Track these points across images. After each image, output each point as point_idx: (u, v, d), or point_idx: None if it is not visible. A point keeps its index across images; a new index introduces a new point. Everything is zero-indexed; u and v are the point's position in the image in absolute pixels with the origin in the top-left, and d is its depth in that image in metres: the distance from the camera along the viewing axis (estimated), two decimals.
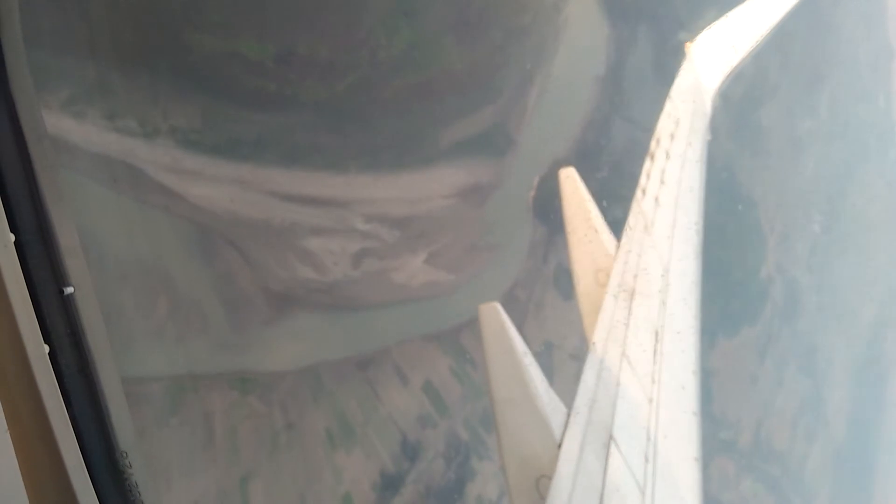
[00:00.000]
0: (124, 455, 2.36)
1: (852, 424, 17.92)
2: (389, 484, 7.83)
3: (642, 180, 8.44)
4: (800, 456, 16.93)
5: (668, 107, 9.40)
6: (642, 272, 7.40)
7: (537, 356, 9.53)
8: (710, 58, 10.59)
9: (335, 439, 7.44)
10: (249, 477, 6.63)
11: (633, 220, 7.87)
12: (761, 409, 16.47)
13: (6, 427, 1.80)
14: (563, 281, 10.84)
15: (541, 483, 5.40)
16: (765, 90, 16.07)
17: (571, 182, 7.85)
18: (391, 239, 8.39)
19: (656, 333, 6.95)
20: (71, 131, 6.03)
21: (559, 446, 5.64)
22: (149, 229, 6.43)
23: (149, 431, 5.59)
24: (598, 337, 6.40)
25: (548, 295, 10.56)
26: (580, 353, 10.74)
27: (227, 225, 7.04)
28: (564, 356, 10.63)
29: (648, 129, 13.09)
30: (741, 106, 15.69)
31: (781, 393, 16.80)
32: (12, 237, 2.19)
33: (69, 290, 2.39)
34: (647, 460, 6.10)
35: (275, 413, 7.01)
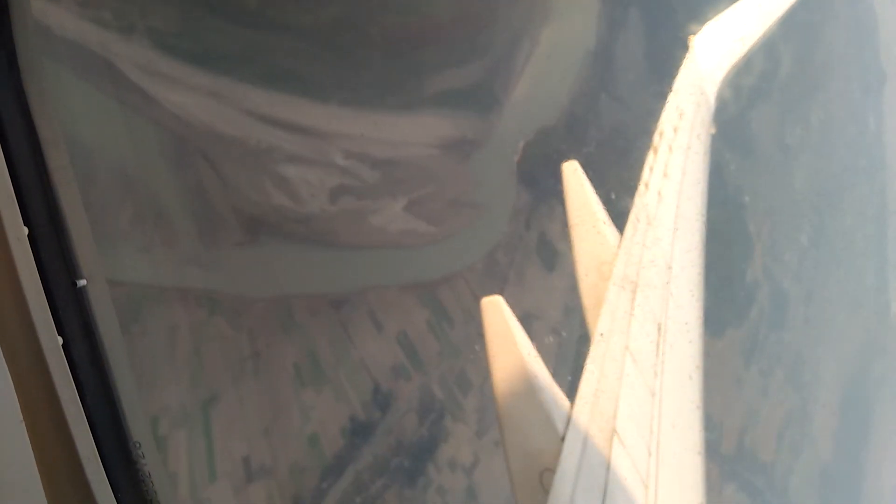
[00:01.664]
0: (137, 445, 2.51)
1: (839, 446, 18.00)
2: (359, 431, 7.76)
3: (645, 174, 8.65)
4: (784, 470, 16.96)
5: (672, 100, 9.67)
6: (648, 264, 7.58)
7: None
8: (715, 50, 10.89)
9: (304, 376, 7.38)
10: (212, 400, 6.55)
11: (636, 214, 8.07)
12: (746, 415, 16.54)
13: (21, 417, 1.88)
14: (546, 252, 10.91)
15: (544, 477, 5.50)
16: (754, 94, 16.40)
17: (576, 176, 8.04)
18: (371, 180, 8.42)
19: (659, 327, 7.10)
20: (46, 14, 6.03)
21: (562, 440, 5.73)
22: (124, 130, 6.41)
23: None
24: (603, 328, 6.53)
25: (530, 263, 10.60)
26: (561, 328, 10.85)
27: (201, 138, 7.04)
28: (545, 329, 10.65)
29: (637, 111, 13.40)
30: (730, 106, 15.99)
31: (767, 402, 16.87)
32: (26, 230, 2.31)
33: (82, 282, 2.54)
34: (650, 453, 6.19)
35: (242, 339, 6.96)
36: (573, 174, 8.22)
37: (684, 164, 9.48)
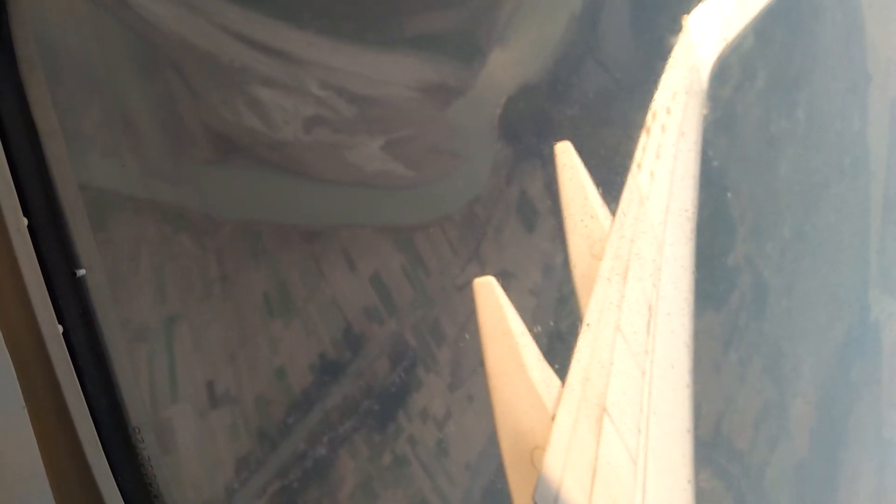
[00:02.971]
0: (137, 430, 2.64)
1: (815, 445, 18.14)
2: (329, 370, 7.66)
3: (637, 154, 8.85)
4: (760, 461, 17.05)
5: (665, 80, 9.84)
6: (640, 243, 7.76)
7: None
8: (708, 30, 11.04)
9: (273, 307, 7.27)
10: (176, 319, 6.42)
11: (629, 194, 8.27)
12: (723, 401, 16.63)
13: (24, 404, 1.97)
14: (526, 210, 10.90)
15: (535, 454, 5.73)
16: (740, 80, 16.55)
17: (568, 155, 8.21)
18: (348, 114, 8.35)
19: (650, 307, 7.29)
20: None
21: (553, 419, 5.81)
22: (94, 28, 6.28)
23: None
24: (591, 318, 6.68)
25: (509, 221, 10.59)
26: (539, 290, 10.83)
27: (172, 47, 6.91)
28: (523, 289, 10.64)
29: (621, 80, 13.44)
30: (716, 90, 16.10)
31: (744, 390, 16.97)
32: (25, 221, 2.43)
33: (81, 272, 2.67)
34: (640, 432, 6.38)
35: (209, 260, 6.83)
36: (566, 153, 8.36)
37: (677, 144, 9.63)
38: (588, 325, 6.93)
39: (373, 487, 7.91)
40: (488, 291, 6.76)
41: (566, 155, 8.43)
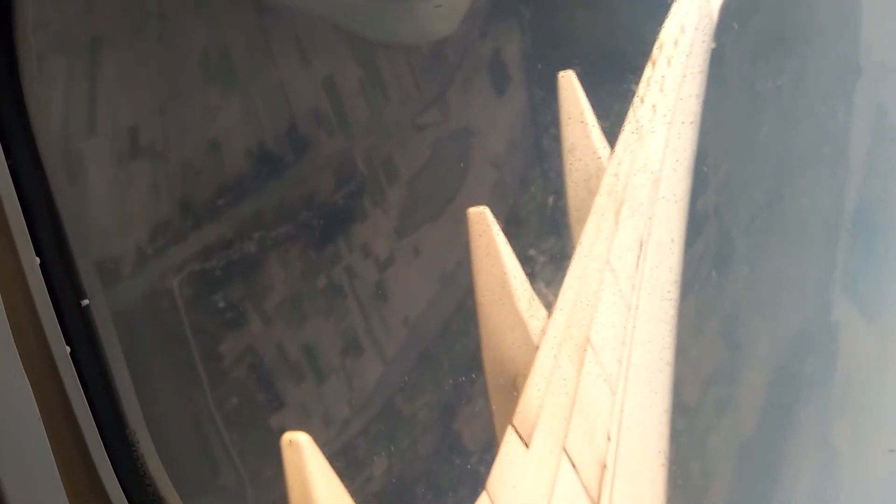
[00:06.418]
0: (133, 433, 3.27)
1: (762, 428, 18.39)
2: (267, 163, 7.27)
3: (641, 88, 8.99)
4: (705, 423, 17.20)
5: (674, 12, 9.97)
6: (636, 179, 7.92)
7: (452, 137, 9.37)
8: None
9: (212, 69, 6.83)
10: (103, 41, 5.95)
11: (629, 128, 8.42)
12: (676, 350, 16.66)
13: (38, 415, 2.51)
14: (498, 72, 10.68)
15: (518, 381, 6.25)
16: (729, 21, 16.59)
17: (570, 86, 8.32)
18: None
19: (641, 242, 7.50)
20: None
21: (537, 348, 6.33)
22: None
23: None
24: (581, 252, 6.81)
25: (478, 76, 10.36)
26: (501, 162, 10.59)
27: None
28: (484, 159, 10.44)
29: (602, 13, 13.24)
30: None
31: (698, 344, 17.06)
32: (38, 260, 2.94)
33: (85, 302, 3.27)
34: (620, 363, 6.90)
35: None
36: (568, 86, 8.50)
37: (681, 79, 9.78)
38: (577, 258, 7.14)
39: (302, 307, 7.57)
40: (482, 222, 7.03)
41: (568, 89, 8.69)
